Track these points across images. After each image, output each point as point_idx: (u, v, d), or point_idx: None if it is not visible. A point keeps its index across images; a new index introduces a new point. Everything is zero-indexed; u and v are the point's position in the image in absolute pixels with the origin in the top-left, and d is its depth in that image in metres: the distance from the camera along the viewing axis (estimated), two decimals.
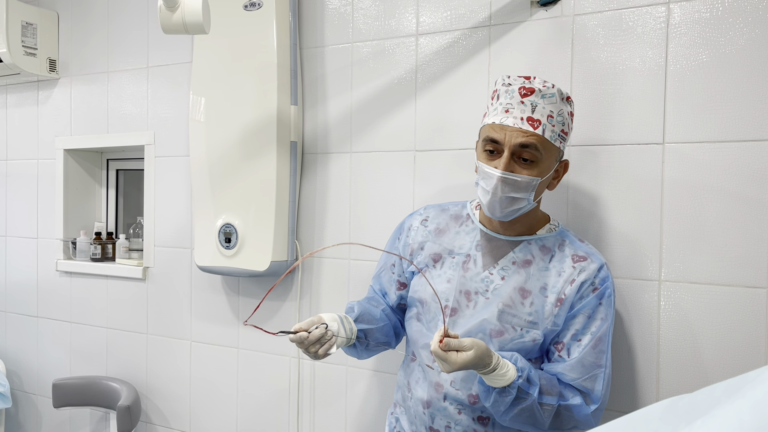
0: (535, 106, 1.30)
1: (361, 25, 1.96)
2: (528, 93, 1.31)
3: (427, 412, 1.42)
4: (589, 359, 1.33)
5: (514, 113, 1.31)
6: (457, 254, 1.45)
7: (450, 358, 1.20)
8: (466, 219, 1.50)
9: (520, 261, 1.40)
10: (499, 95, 1.35)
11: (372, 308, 1.52)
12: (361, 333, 1.45)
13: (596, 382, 1.33)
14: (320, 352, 1.34)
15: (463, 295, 1.41)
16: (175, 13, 1.51)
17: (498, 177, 1.30)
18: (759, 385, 0.45)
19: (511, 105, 1.31)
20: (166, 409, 2.40)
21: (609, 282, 1.37)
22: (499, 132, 1.31)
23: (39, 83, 2.69)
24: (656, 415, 0.55)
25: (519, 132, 1.30)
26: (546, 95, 1.31)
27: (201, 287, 2.28)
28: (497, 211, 1.35)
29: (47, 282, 2.68)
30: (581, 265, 1.36)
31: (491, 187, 1.32)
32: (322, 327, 1.34)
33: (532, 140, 1.30)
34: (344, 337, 1.39)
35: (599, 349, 1.33)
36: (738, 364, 1.48)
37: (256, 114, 1.97)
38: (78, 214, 2.67)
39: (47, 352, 2.70)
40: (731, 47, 1.49)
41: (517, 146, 1.30)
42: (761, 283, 1.46)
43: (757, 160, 1.46)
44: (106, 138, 2.51)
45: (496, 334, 1.35)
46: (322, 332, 1.33)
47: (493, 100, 1.37)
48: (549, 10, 1.68)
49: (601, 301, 1.35)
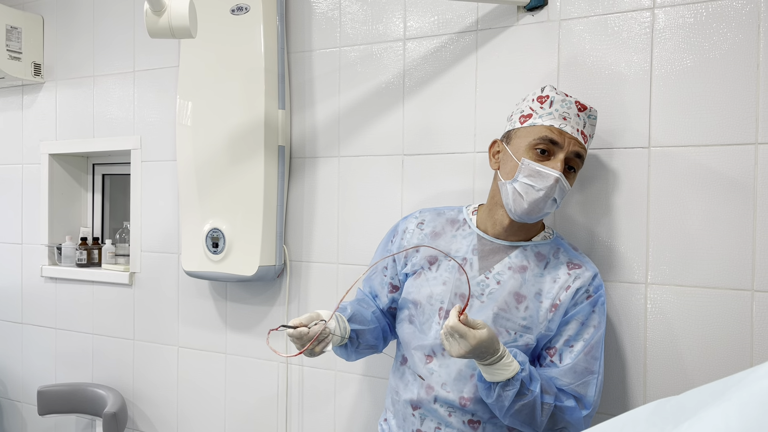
0: (585, 123, 1.38)
1: (348, 29, 1.96)
2: (582, 109, 1.38)
3: (416, 413, 1.41)
4: (582, 365, 1.33)
5: (572, 123, 1.36)
6: (453, 257, 1.46)
7: (469, 334, 1.19)
8: (462, 224, 1.51)
9: (516, 266, 1.41)
10: (553, 102, 1.38)
11: (363, 310, 1.51)
12: (353, 333, 1.45)
13: (588, 388, 1.33)
14: (317, 350, 1.34)
15: (458, 298, 1.41)
16: (162, 17, 1.50)
17: (555, 177, 1.33)
18: (745, 387, 0.45)
19: (568, 115, 1.36)
20: (153, 416, 2.37)
21: (602, 291, 1.39)
22: (558, 135, 1.35)
23: (24, 87, 2.67)
24: (643, 417, 0.55)
25: (576, 141, 1.36)
26: (592, 116, 1.41)
27: (188, 292, 2.27)
28: (536, 210, 1.36)
29: (32, 288, 2.65)
30: (576, 272, 1.38)
31: (545, 186, 1.33)
32: (321, 324, 1.33)
33: (583, 152, 1.38)
34: (339, 335, 1.39)
35: (592, 356, 1.34)
36: (724, 367, 1.49)
37: (243, 118, 1.96)
38: (63, 219, 2.65)
39: (32, 358, 2.67)
40: (715, 52, 1.50)
41: (573, 153, 1.36)
42: (746, 286, 1.47)
43: (741, 164, 1.47)
44: (92, 142, 2.49)
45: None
46: (321, 328, 1.33)
47: (543, 104, 1.39)
48: (535, 15, 1.69)
49: (594, 308, 1.36)
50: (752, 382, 0.45)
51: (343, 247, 1.97)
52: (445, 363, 1.39)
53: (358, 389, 1.96)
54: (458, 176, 1.78)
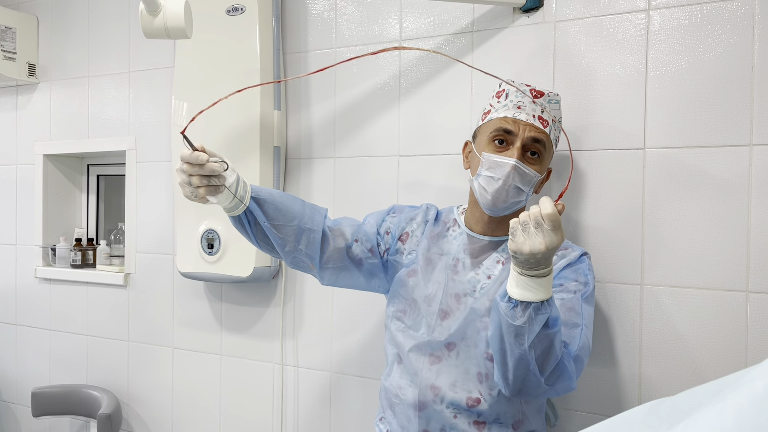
0: (544, 108, 1.38)
1: (344, 30, 1.96)
2: (539, 95, 1.39)
3: (421, 415, 1.40)
4: (574, 306, 1.27)
5: (527, 110, 1.38)
6: (445, 256, 1.46)
7: (561, 227, 1.09)
8: (453, 224, 1.51)
9: (503, 259, 1.42)
10: (509, 94, 1.41)
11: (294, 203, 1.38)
12: (257, 208, 1.33)
13: (573, 339, 1.24)
14: (201, 192, 1.23)
15: (452, 298, 1.41)
16: (157, 18, 1.49)
17: (512, 165, 1.33)
18: (740, 388, 0.45)
19: (523, 103, 1.39)
20: (148, 417, 2.37)
21: (586, 265, 1.37)
22: (512, 124, 1.37)
23: (18, 88, 2.66)
24: (638, 418, 0.55)
25: (532, 127, 1.37)
26: (553, 101, 1.42)
27: (183, 294, 2.26)
28: (501, 201, 1.36)
29: (26, 289, 2.64)
30: (563, 253, 1.39)
31: (503, 174, 1.34)
32: (223, 164, 1.24)
33: (542, 136, 1.37)
34: (233, 194, 1.27)
35: (574, 311, 1.27)
36: (719, 367, 1.50)
37: (239, 119, 1.96)
38: (58, 220, 2.64)
39: (26, 360, 2.65)
40: (710, 54, 1.51)
41: (529, 139, 1.36)
42: (741, 287, 1.48)
43: (735, 166, 1.48)
44: (86, 143, 2.48)
45: (485, 328, 1.35)
46: (221, 169, 1.23)
47: (500, 98, 1.43)
48: (531, 16, 1.69)
49: (577, 278, 1.34)
50: (747, 382, 0.45)
51: None
52: (453, 363, 1.38)
53: (355, 390, 1.96)
54: (454, 177, 1.78)
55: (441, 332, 1.40)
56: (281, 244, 1.39)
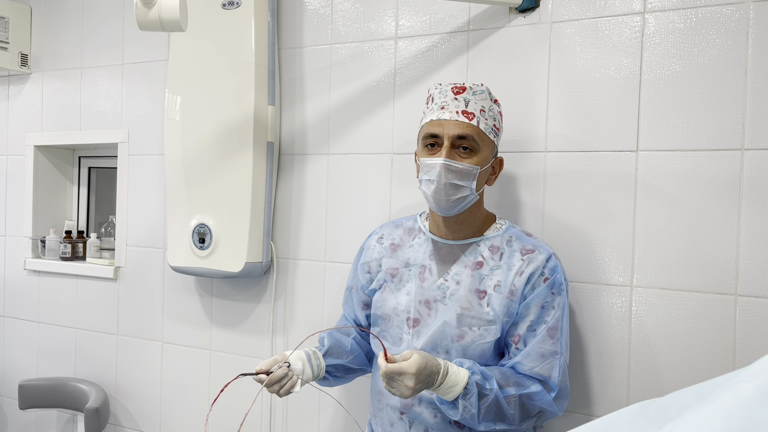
0: (468, 101, 1.39)
1: (340, 26, 1.95)
2: (460, 91, 1.40)
3: (404, 418, 1.43)
4: (545, 347, 1.35)
5: (450, 108, 1.39)
6: (413, 266, 1.48)
7: (404, 366, 1.22)
8: (418, 231, 1.53)
9: (471, 263, 1.42)
10: (434, 97, 1.44)
11: (343, 338, 1.57)
12: (332, 367, 1.51)
13: (552, 369, 1.35)
14: (281, 393, 1.37)
15: (423, 305, 1.43)
16: (152, 10, 1.48)
17: (441, 164, 1.36)
18: (728, 390, 0.45)
19: (446, 102, 1.40)
20: (136, 411, 2.36)
21: (559, 271, 1.40)
22: (437, 127, 1.39)
23: (10, 78, 2.63)
24: (627, 418, 0.56)
25: (456, 124, 1.38)
26: (477, 92, 1.41)
27: (173, 288, 2.25)
28: (443, 200, 1.38)
29: (15, 281, 2.62)
30: (529, 257, 1.40)
31: (435, 174, 1.36)
32: (284, 367, 1.37)
33: (469, 131, 1.38)
34: (309, 376, 1.44)
35: (554, 338, 1.36)
36: (708, 369, 1.50)
37: (232, 114, 1.95)
38: (48, 211, 2.62)
39: (14, 352, 2.63)
40: (704, 58, 1.51)
41: (455, 137, 1.37)
42: (730, 290, 1.49)
43: (727, 169, 1.49)
44: (78, 135, 2.46)
45: (457, 338, 1.38)
46: (284, 373, 1.37)
47: (428, 103, 1.46)
48: (527, 16, 1.70)
49: (552, 290, 1.38)
50: (736, 384, 0.46)
51: (330, 245, 1.97)
52: None
53: (344, 387, 1.96)
54: None
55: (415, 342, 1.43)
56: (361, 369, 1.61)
